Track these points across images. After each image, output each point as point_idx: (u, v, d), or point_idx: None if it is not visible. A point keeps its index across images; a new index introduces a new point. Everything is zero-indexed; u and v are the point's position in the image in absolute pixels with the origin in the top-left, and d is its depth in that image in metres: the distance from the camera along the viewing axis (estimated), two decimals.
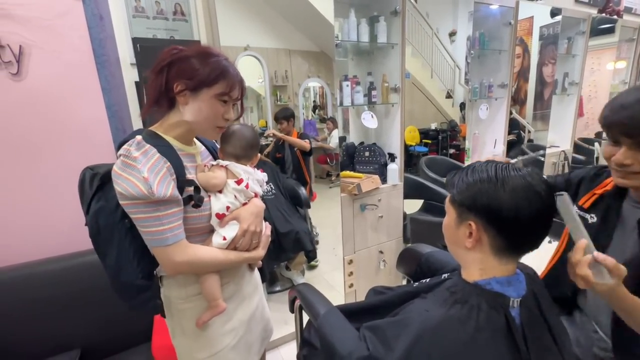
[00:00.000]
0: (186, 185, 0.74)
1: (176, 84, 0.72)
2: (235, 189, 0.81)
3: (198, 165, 0.81)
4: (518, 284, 0.62)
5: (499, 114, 2.31)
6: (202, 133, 0.80)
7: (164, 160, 0.69)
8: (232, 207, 0.80)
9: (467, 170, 0.65)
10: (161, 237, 0.68)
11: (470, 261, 0.65)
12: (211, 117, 0.75)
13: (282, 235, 2.05)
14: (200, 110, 0.74)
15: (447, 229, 0.69)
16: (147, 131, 0.74)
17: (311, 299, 0.93)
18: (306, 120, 4.69)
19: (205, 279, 0.79)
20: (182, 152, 0.77)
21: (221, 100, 0.75)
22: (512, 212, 0.57)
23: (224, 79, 0.74)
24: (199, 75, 0.72)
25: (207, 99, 0.73)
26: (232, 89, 0.76)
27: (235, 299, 0.88)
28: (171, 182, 0.69)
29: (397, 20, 1.73)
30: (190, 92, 0.73)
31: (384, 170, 1.89)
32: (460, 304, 0.60)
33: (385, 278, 1.99)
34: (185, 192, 0.73)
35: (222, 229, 0.79)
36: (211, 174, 0.79)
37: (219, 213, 0.78)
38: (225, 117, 0.78)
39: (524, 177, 0.59)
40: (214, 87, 0.73)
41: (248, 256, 0.83)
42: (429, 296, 0.67)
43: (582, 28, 2.80)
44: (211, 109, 0.74)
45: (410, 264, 1.20)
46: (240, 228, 0.80)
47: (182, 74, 0.72)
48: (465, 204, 0.62)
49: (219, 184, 0.80)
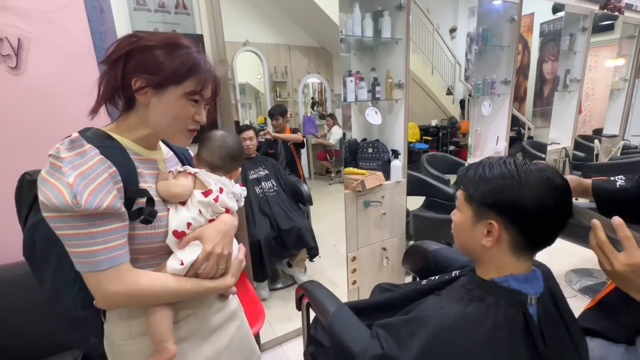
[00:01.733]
0: (137, 196, 0.60)
1: (135, 80, 0.59)
2: (201, 201, 0.67)
3: (160, 173, 0.67)
4: (535, 281, 0.61)
5: (502, 111, 2.31)
6: (169, 138, 0.68)
7: (108, 164, 0.56)
8: (194, 223, 0.66)
9: (482, 166, 0.63)
10: (92, 260, 0.54)
11: (486, 259, 0.64)
12: (180, 119, 0.63)
13: (284, 232, 2.04)
14: (166, 113, 0.62)
15: (461, 228, 0.66)
16: (95, 130, 0.61)
17: (320, 297, 0.92)
18: (306, 116, 4.68)
19: (151, 314, 0.63)
20: (140, 156, 0.64)
21: (191, 99, 0.63)
22: (537, 208, 0.56)
23: (194, 74, 0.62)
24: (165, 70, 0.59)
25: (175, 98, 0.61)
26: (204, 87, 0.64)
27: (198, 335, 0.72)
28: (113, 192, 0.55)
29: (402, 15, 1.71)
30: (154, 90, 0.60)
31: (387, 166, 1.88)
32: (477, 301, 0.59)
33: (388, 275, 1.99)
34: (136, 205, 0.60)
35: (181, 250, 0.64)
36: (173, 181, 0.66)
37: (178, 230, 0.63)
38: (197, 119, 0.65)
39: (543, 171, 0.58)
40: (182, 84, 0.61)
41: (211, 286, 0.67)
42: (444, 294, 0.66)
43: (583, 24, 2.79)
44: (180, 110, 0.62)
45: (416, 260, 1.20)
46: (202, 250, 0.64)
47: (143, 67, 0.59)
48: (485, 202, 0.60)
49: (181, 193, 0.66)
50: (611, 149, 3.14)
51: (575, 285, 2.14)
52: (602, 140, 3.19)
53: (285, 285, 2.26)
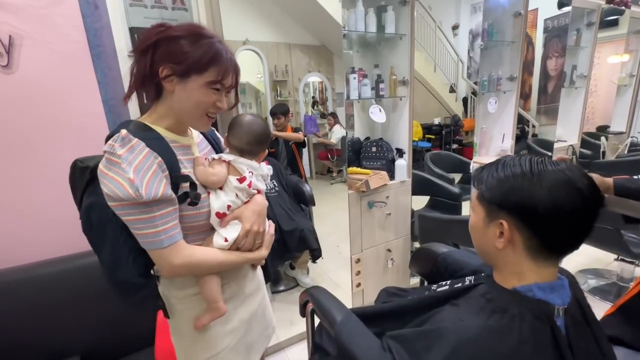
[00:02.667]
0: (181, 182, 0.67)
1: (162, 68, 0.64)
2: (237, 187, 0.74)
3: (196, 158, 0.73)
4: (562, 291, 0.56)
5: (508, 108, 2.25)
6: (190, 123, 0.73)
7: (154, 155, 0.62)
8: (233, 205, 0.74)
9: (497, 164, 0.60)
10: (156, 239, 0.63)
11: (502, 263, 0.60)
12: (201, 106, 0.68)
13: (286, 234, 2.00)
14: (189, 100, 0.66)
15: (475, 229, 0.64)
16: (135, 123, 0.67)
17: (326, 304, 0.87)
18: (307, 115, 4.63)
19: (205, 282, 0.74)
20: (176, 144, 0.70)
21: (213, 88, 0.67)
22: (550, 210, 0.52)
23: (216, 64, 0.65)
24: (189, 60, 0.63)
25: (197, 87, 0.65)
26: (225, 77, 0.67)
27: (236, 299, 0.83)
28: (163, 180, 0.62)
29: (406, 10, 1.66)
30: (178, 79, 0.64)
31: (391, 166, 1.84)
32: (500, 313, 0.54)
33: (393, 277, 1.95)
34: (181, 189, 0.67)
35: (223, 229, 0.73)
36: (210, 170, 0.73)
37: (220, 212, 0.72)
38: (218, 106, 0.70)
39: (563, 171, 0.54)
40: (204, 74, 0.65)
41: (251, 257, 0.77)
42: (462, 304, 0.61)
43: (590, 19, 2.74)
44: (202, 97, 0.67)
45: (425, 264, 1.15)
46: (242, 228, 0.74)
47: (169, 57, 0.63)
48: (495, 201, 0.57)
49: (219, 181, 0.73)
50: (618, 146, 3.09)
51: (583, 285, 2.09)
52: (609, 138, 3.14)
53: (288, 288, 2.21)
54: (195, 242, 0.72)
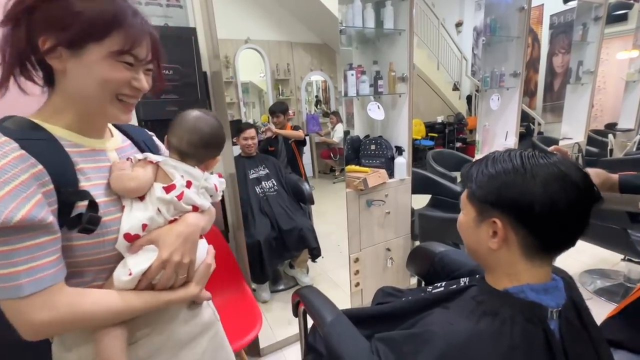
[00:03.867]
0: (76, 200, 0.48)
1: (43, 39, 0.47)
2: (161, 198, 0.55)
3: (114, 163, 0.56)
4: (556, 292, 0.54)
5: (511, 105, 2.21)
6: (100, 114, 0.53)
7: (30, 162, 0.44)
8: (151, 225, 0.55)
9: (486, 161, 0.57)
10: (9, 284, 0.43)
11: (495, 264, 0.58)
12: (109, 85, 0.50)
13: (285, 233, 1.98)
14: (90, 78, 0.49)
15: (465, 229, 0.61)
16: (17, 119, 0.50)
17: (317, 305, 0.85)
18: (309, 114, 4.61)
19: (98, 339, 0.52)
20: (80, 148, 0.52)
21: (122, 61, 0.50)
22: (547, 206, 0.49)
23: (120, 27, 0.49)
24: (79, 23, 0.46)
25: (98, 59, 0.48)
26: (136, 45, 0.50)
27: (163, 353, 0.61)
28: (33, 197, 0.44)
29: (405, 5, 1.63)
30: (68, 51, 0.47)
31: (390, 164, 1.81)
32: (490, 316, 0.52)
33: (392, 276, 1.92)
34: (76, 209, 0.48)
35: (132, 256, 0.53)
36: (127, 173, 0.55)
37: (130, 234, 0.53)
38: (135, 85, 0.52)
39: (556, 165, 0.51)
40: (105, 41, 0.48)
41: (171, 298, 0.56)
42: (452, 306, 0.59)
43: (596, 13, 2.67)
44: (108, 73, 0.49)
45: (422, 263, 1.12)
46: (157, 257, 0.54)
47: (51, 22, 0.46)
48: (488, 199, 0.54)
49: (137, 188, 0.54)
50: (626, 144, 3.01)
51: (589, 286, 2.04)
52: (617, 135, 3.06)
53: (287, 287, 2.19)
54: (99, 282, 0.53)
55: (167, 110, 1.33)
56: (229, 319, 1.40)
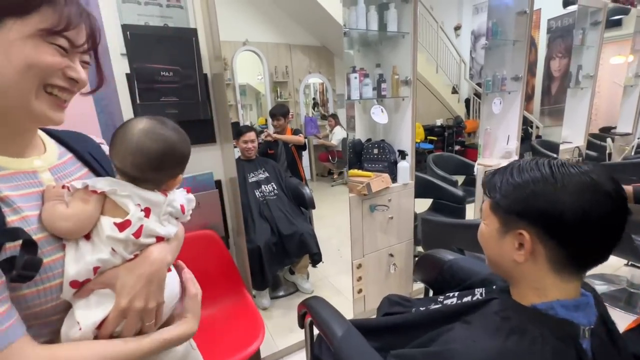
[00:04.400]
0: (4, 241, 0.37)
1: None
2: (113, 237, 0.44)
3: (46, 189, 0.44)
4: (588, 308, 0.51)
5: (513, 109, 2.20)
6: (20, 112, 0.41)
7: None
8: (104, 266, 0.45)
9: (511, 169, 0.55)
10: None
11: (519, 278, 0.55)
12: (36, 70, 0.39)
13: (285, 238, 1.95)
14: (9, 60, 0.38)
15: (487, 240, 0.58)
16: None
17: (325, 317, 0.82)
18: (307, 117, 4.59)
19: None
20: (2, 171, 0.42)
21: (53, 43, 0.40)
22: (578, 217, 0.47)
23: (49, 3, 0.39)
24: None
25: (21, 38, 0.38)
26: (71, 25, 0.41)
27: None
28: None
29: (409, 8, 1.61)
30: None
31: (393, 168, 1.78)
32: (518, 334, 0.49)
33: (395, 283, 1.89)
34: (4, 252, 0.37)
35: (81, 303, 0.43)
36: (59, 209, 0.42)
37: (78, 281, 0.42)
38: (70, 75, 0.42)
39: (588, 174, 0.49)
40: (31, 16, 0.38)
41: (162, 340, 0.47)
42: (474, 322, 0.56)
43: (595, 18, 2.69)
44: (33, 55, 0.38)
45: (430, 271, 1.09)
46: (115, 306, 0.44)
47: None
48: (514, 209, 0.52)
49: (75, 230, 0.43)
50: (625, 148, 3.03)
51: None
52: (615, 139, 3.08)
53: (287, 293, 2.15)
54: (42, 338, 0.42)
55: (166, 113, 1.29)
56: (229, 329, 1.36)
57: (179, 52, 1.30)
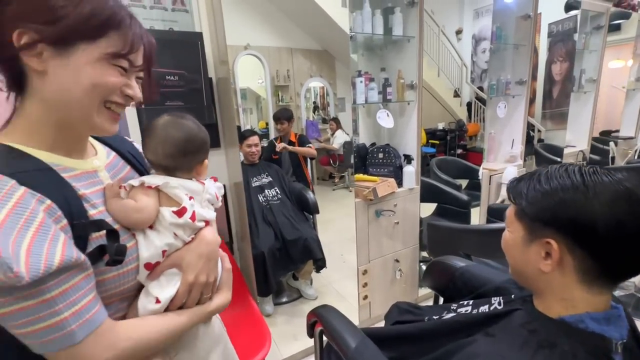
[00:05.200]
0: (91, 232, 0.43)
1: (19, 32, 0.39)
2: (175, 223, 0.51)
3: (107, 187, 0.49)
4: (619, 322, 0.49)
5: (517, 112, 2.20)
6: (83, 122, 0.45)
7: (37, 198, 0.39)
8: (170, 250, 0.52)
9: (538, 176, 0.53)
10: (60, 333, 0.38)
11: (545, 288, 0.53)
12: (98, 90, 0.43)
13: (289, 243, 1.92)
14: (77, 82, 0.42)
15: (512, 248, 0.56)
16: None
17: (338, 327, 0.79)
18: (308, 120, 4.58)
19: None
20: (72, 172, 0.46)
21: (117, 65, 0.44)
22: (612, 228, 0.45)
23: (117, 29, 0.43)
24: (70, 17, 0.39)
25: (90, 61, 0.42)
26: (134, 48, 0.45)
27: None
28: (60, 237, 0.39)
29: (414, 12, 1.61)
30: (53, 49, 0.40)
31: (399, 172, 1.77)
32: (547, 348, 0.47)
33: (401, 289, 1.87)
34: (91, 242, 0.43)
35: (154, 283, 0.50)
36: (130, 204, 0.49)
37: (151, 263, 0.50)
38: (128, 93, 0.46)
39: (622, 182, 0.47)
40: (99, 41, 0.42)
41: (207, 311, 0.55)
42: (497, 334, 0.54)
43: (596, 23, 2.69)
44: (99, 77, 0.43)
45: (440, 278, 1.07)
46: (183, 281, 0.51)
47: (31, 13, 0.39)
48: (541, 217, 0.50)
49: (146, 219, 0.50)
50: (627, 152, 3.02)
51: None
52: (618, 143, 3.07)
53: (291, 300, 2.12)
54: (118, 314, 0.49)
55: None
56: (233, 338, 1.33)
57: (184, 56, 1.29)
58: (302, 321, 0.98)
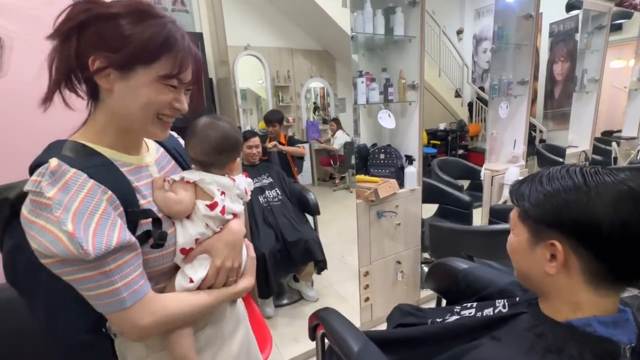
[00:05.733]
0: (140, 218, 0.53)
1: (92, 59, 0.48)
2: (207, 215, 0.60)
3: (153, 181, 0.59)
4: (627, 325, 0.48)
5: (519, 113, 2.19)
6: (141, 132, 0.57)
7: (102, 189, 0.48)
8: (202, 238, 0.60)
9: (540, 177, 0.52)
10: (114, 299, 0.48)
11: (551, 291, 0.52)
12: (152, 106, 0.52)
13: (290, 245, 1.91)
14: (135, 100, 0.51)
15: (516, 251, 0.56)
16: (71, 144, 0.51)
17: (340, 330, 0.78)
18: (309, 121, 4.57)
19: (174, 337, 0.58)
20: (129, 167, 0.55)
21: (168, 85, 0.52)
22: (616, 228, 0.44)
23: (169, 52, 0.50)
24: (131, 46, 0.48)
25: (145, 83, 0.50)
26: (183, 69, 0.52)
27: (213, 345, 0.68)
28: (117, 222, 0.48)
29: (415, 12, 1.60)
30: (118, 72, 0.49)
31: (400, 173, 1.76)
32: (556, 353, 0.46)
33: (402, 290, 1.85)
34: (139, 227, 0.53)
35: (188, 266, 0.59)
36: (172, 197, 0.57)
37: (185, 248, 0.59)
38: (176, 107, 0.55)
39: (625, 182, 0.46)
40: (154, 65, 0.50)
41: (233, 292, 0.64)
42: (504, 338, 0.53)
43: (598, 22, 2.68)
44: (152, 96, 0.51)
45: (443, 280, 1.07)
46: (212, 265, 0.60)
47: (102, 42, 0.48)
48: (545, 219, 0.49)
49: (184, 211, 0.58)
50: (630, 152, 3.01)
51: None
52: (620, 143, 3.06)
53: (292, 301, 2.11)
54: (157, 287, 0.59)
55: None
56: None
57: None
58: (303, 323, 0.97)
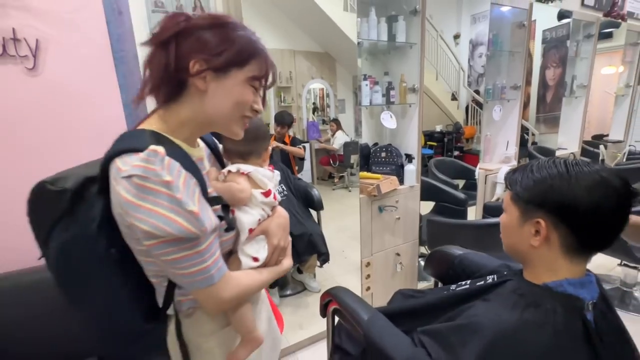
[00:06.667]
0: (213, 205, 0.57)
1: (193, 62, 0.52)
2: (264, 202, 0.67)
3: (209, 172, 0.64)
4: (591, 286, 0.59)
5: (512, 116, 2.31)
6: (223, 128, 0.61)
7: (189, 176, 0.52)
8: (261, 220, 0.68)
9: (530, 167, 0.63)
10: (206, 275, 0.53)
11: (535, 261, 0.63)
12: (240, 106, 0.57)
13: (295, 238, 2.01)
14: (228, 99, 0.56)
15: (508, 228, 0.67)
16: (152, 134, 0.54)
17: (351, 303, 0.89)
18: (309, 121, 4.68)
19: (239, 310, 0.64)
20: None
21: (253, 86, 0.58)
22: (590, 209, 0.55)
23: (258, 57, 0.56)
24: (229, 51, 0.53)
25: (237, 83, 0.56)
26: (267, 72, 0.59)
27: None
28: (209, 207, 0.55)
29: (416, 20, 1.71)
30: (214, 74, 0.54)
31: (400, 171, 1.87)
32: (534, 307, 0.57)
33: (401, 281, 1.97)
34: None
35: (249, 246, 0.65)
36: (236, 186, 0.64)
37: (252, 228, 0.65)
38: (255, 108, 0.60)
39: (598, 172, 0.57)
40: (245, 67, 0.55)
41: (281, 270, 0.70)
42: (492, 299, 0.64)
43: (589, 31, 2.82)
44: (242, 96, 0.57)
45: (440, 266, 1.17)
46: (270, 245, 0.67)
47: (202, 48, 0.53)
48: (533, 200, 0.60)
49: (247, 198, 0.65)
50: (617, 154, 3.16)
51: None
52: (608, 146, 3.21)
53: (295, 292, 2.22)
54: None
55: None
56: None
57: None
58: (307, 312, 1.06)
